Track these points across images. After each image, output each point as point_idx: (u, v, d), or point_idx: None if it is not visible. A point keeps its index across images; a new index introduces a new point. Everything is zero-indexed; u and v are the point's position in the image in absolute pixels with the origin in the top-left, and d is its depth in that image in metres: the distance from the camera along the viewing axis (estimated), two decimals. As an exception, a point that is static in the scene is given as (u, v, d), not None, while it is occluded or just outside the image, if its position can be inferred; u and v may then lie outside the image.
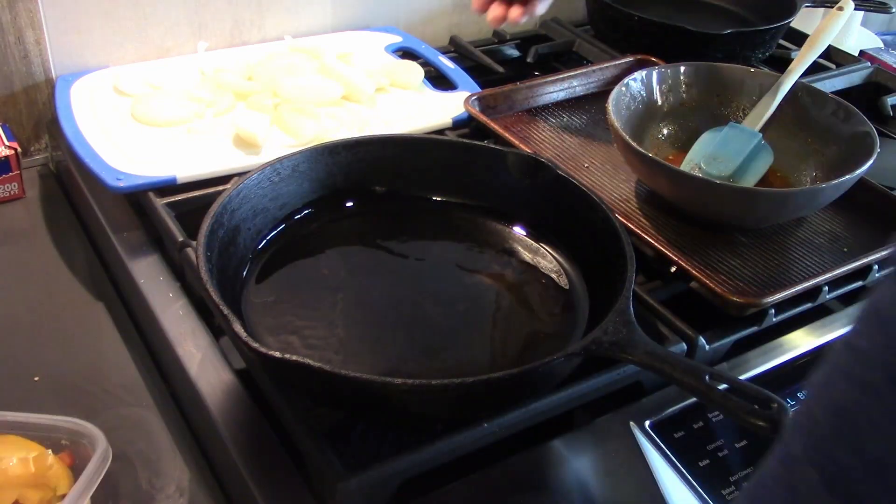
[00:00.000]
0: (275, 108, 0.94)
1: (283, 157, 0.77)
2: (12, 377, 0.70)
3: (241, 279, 0.73)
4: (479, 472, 0.63)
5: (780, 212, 0.83)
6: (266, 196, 0.76)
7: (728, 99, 0.96)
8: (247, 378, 0.66)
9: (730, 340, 0.73)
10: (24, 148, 0.98)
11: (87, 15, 0.96)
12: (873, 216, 0.87)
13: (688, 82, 0.96)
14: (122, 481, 0.62)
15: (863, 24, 1.42)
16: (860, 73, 1.18)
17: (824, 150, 0.90)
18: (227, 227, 0.71)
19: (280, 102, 0.95)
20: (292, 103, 0.94)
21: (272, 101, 0.95)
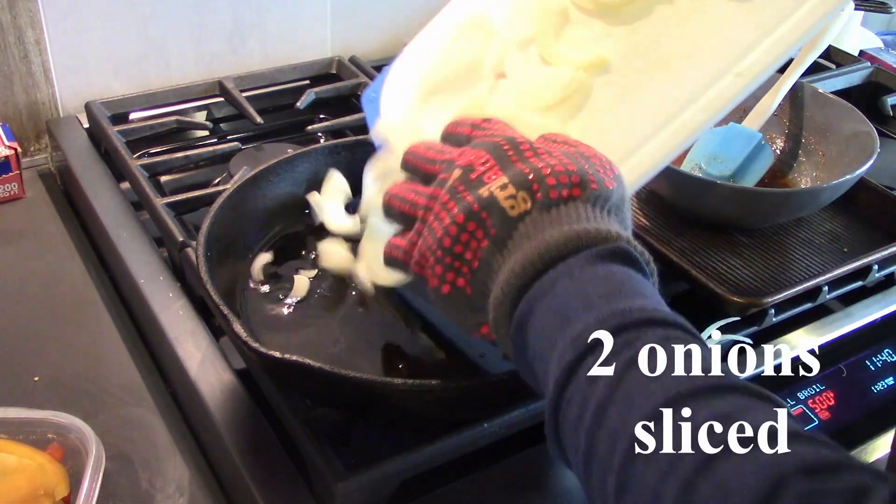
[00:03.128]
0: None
1: (283, 157, 0.77)
2: (12, 377, 0.70)
3: (241, 279, 0.73)
4: (479, 472, 0.63)
5: (780, 212, 0.83)
6: (266, 196, 0.76)
7: (728, 99, 0.96)
8: (247, 378, 0.66)
9: (730, 340, 0.73)
10: (24, 148, 0.98)
11: (87, 15, 0.97)
12: (873, 216, 0.87)
13: (688, 82, 0.96)
14: (122, 481, 0.62)
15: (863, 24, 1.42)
16: (860, 73, 1.18)
17: (824, 150, 0.90)
18: (227, 227, 0.71)
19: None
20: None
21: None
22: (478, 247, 0.48)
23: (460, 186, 0.50)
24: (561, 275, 0.44)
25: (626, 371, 0.39)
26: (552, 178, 0.48)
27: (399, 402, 0.58)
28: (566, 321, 0.42)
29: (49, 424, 0.60)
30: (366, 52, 1.16)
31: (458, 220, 0.49)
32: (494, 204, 0.48)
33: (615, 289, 0.43)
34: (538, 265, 0.45)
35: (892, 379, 0.77)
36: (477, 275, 0.49)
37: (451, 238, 0.49)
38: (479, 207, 0.48)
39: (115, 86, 1.02)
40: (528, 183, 0.48)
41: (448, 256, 0.49)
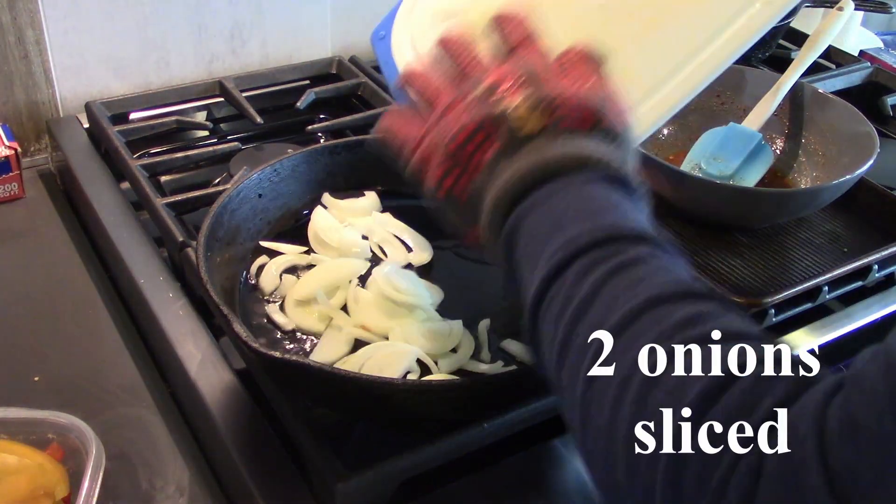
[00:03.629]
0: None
1: (283, 157, 0.77)
2: (12, 377, 0.70)
3: (241, 279, 0.73)
4: (479, 472, 0.63)
5: (780, 212, 0.83)
6: (266, 196, 0.76)
7: (728, 99, 0.96)
8: (247, 378, 0.66)
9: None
10: (24, 148, 0.98)
11: (87, 15, 0.96)
12: (873, 216, 0.87)
13: (688, 82, 0.96)
14: (122, 481, 0.62)
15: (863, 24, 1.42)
16: (860, 73, 1.18)
17: (824, 150, 0.90)
18: (227, 227, 0.71)
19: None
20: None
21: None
22: (482, 158, 0.50)
23: (482, 96, 0.51)
24: (560, 187, 0.47)
25: (614, 274, 0.42)
26: (567, 107, 0.49)
27: (399, 402, 0.58)
28: (559, 227, 0.45)
29: (49, 424, 0.60)
30: (366, 52, 1.15)
31: (469, 126, 0.50)
32: (511, 116, 0.49)
33: (612, 207, 0.46)
34: (538, 176, 0.47)
35: (892, 379, 0.77)
36: (476, 182, 0.50)
37: (459, 145, 0.51)
38: (491, 120, 0.50)
39: (115, 86, 1.02)
40: (543, 106, 0.49)
41: (452, 160, 0.51)
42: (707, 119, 0.95)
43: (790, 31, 1.25)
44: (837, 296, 0.80)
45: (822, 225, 0.87)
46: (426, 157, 0.53)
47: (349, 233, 0.76)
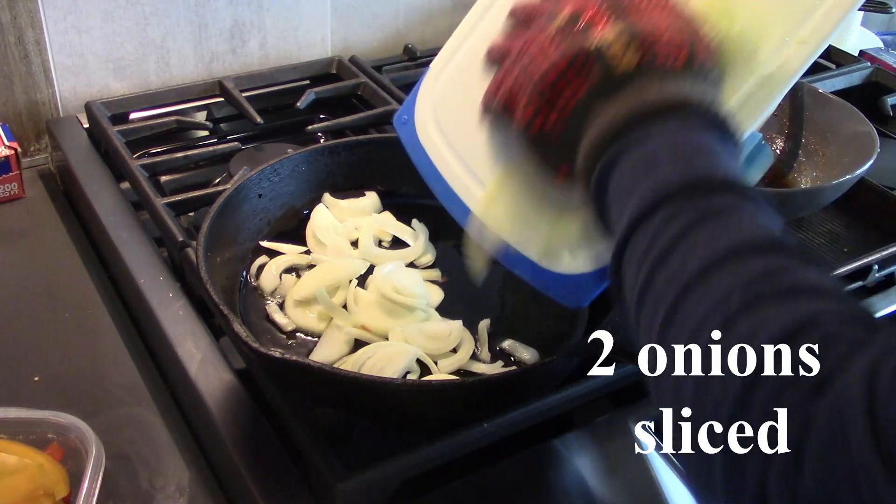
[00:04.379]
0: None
1: (283, 156, 0.77)
2: (12, 377, 0.70)
3: (241, 279, 0.73)
4: (479, 472, 0.63)
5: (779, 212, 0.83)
6: (266, 196, 0.76)
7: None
8: (247, 378, 0.66)
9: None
10: (24, 148, 0.98)
11: (87, 15, 0.97)
12: (873, 216, 0.87)
13: (688, 82, 0.96)
14: (122, 481, 0.62)
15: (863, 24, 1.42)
16: (860, 73, 1.18)
17: (824, 150, 0.90)
18: (227, 226, 0.71)
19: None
20: None
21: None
22: (573, 95, 0.48)
23: (567, 28, 0.50)
24: (657, 131, 0.46)
25: (699, 222, 0.41)
26: (665, 42, 0.48)
27: (399, 402, 0.58)
28: (652, 169, 0.44)
29: (49, 424, 0.60)
30: (366, 52, 1.16)
31: (560, 66, 0.49)
32: (602, 53, 0.48)
33: (705, 153, 0.45)
34: (635, 118, 0.46)
35: (892, 379, 0.77)
36: (568, 121, 0.49)
37: (550, 84, 0.49)
38: (585, 53, 0.48)
39: (115, 86, 1.02)
40: (640, 39, 0.48)
41: (543, 98, 0.49)
42: (707, 119, 0.95)
43: (790, 31, 1.25)
44: (837, 296, 0.80)
45: (822, 225, 0.87)
46: (512, 98, 0.52)
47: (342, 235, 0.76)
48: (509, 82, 0.52)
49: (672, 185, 0.43)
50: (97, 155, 0.94)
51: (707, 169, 0.44)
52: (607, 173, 0.47)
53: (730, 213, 0.42)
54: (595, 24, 0.49)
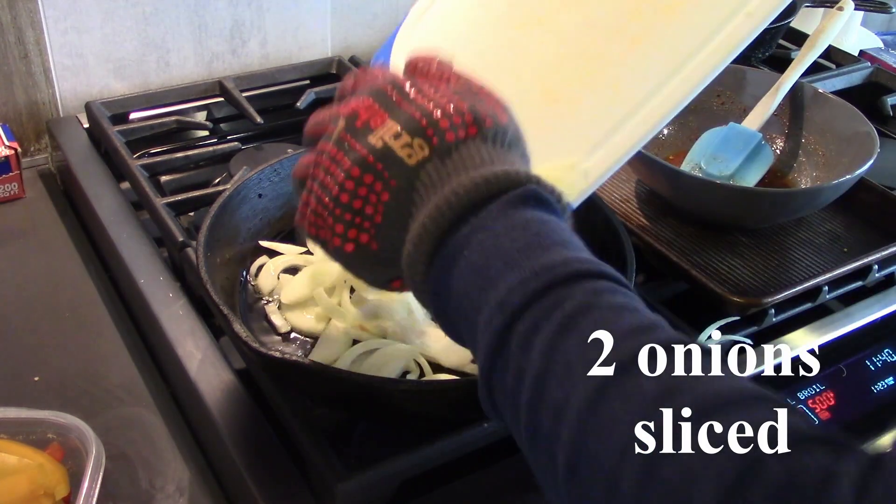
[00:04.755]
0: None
1: (283, 156, 0.77)
2: (12, 377, 0.70)
3: (241, 279, 0.73)
4: (479, 472, 0.63)
5: (780, 212, 0.83)
6: (266, 196, 0.76)
7: (728, 99, 0.96)
8: (247, 378, 0.66)
9: (730, 340, 0.73)
10: (24, 148, 0.98)
11: (87, 15, 0.97)
12: (873, 216, 0.87)
13: (688, 82, 0.96)
14: (122, 481, 0.62)
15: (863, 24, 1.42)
16: (860, 73, 1.18)
17: (824, 150, 0.90)
18: (227, 226, 0.71)
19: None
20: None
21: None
22: (378, 200, 0.46)
23: (347, 136, 0.47)
24: (475, 229, 0.42)
25: (559, 336, 0.37)
26: (445, 119, 0.45)
27: (399, 402, 0.58)
28: (488, 282, 0.41)
29: (49, 424, 0.60)
30: (366, 52, 1.16)
31: (353, 173, 0.46)
32: (390, 154, 0.45)
33: (534, 240, 0.41)
34: (449, 217, 0.43)
35: (892, 379, 0.77)
36: (381, 229, 0.46)
37: (349, 193, 0.46)
38: (374, 158, 0.46)
39: (115, 86, 1.02)
40: (421, 128, 0.45)
41: (348, 213, 0.47)
42: (707, 119, 0.95)
43: (790, 31, 1.25)
44: (837, 296, 0.80)
45: (822, 225, 0.87)
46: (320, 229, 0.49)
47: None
48: (313, 203, 0.49)
49: (515, 300, 0.39)
50: (97, 155, 0.94)
51: (546, 264, 0.40)
52: (441, 292, 0.43)
53: (589, 311, 0.38)
54: (372, 123, 0.47)
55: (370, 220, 0.47)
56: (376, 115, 0.47)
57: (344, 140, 0.47)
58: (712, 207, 0.82)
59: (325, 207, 0.48)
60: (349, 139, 0.47)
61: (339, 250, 0.48)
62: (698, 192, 0.81)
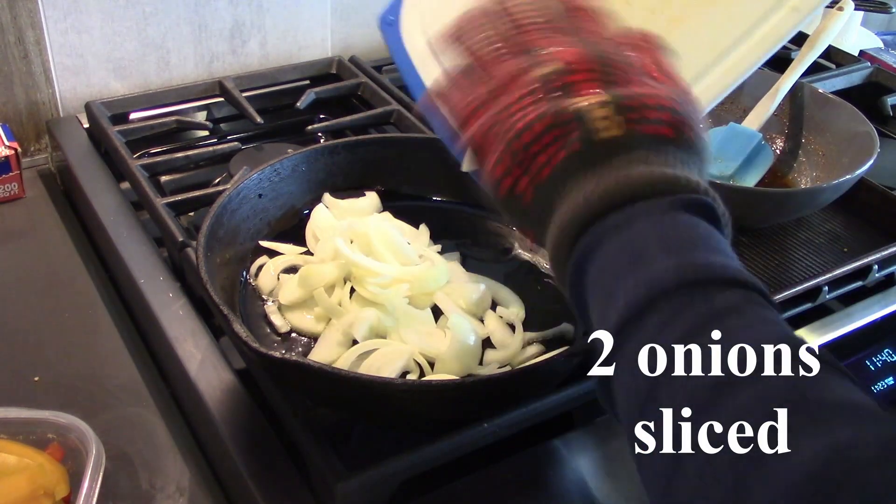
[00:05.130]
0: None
1: (283, 156, 0.77)
2: (12, 377, 0.70)
3: (241, 279, 0.73)
4: (479, 472, 0.63)
5: (780, 212, 0.83)
6: (266, 196, 0.76)
7: (728, 99, 0.96)
8: (247, 378, 0.66)
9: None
10: (24, 148, 0.98)
11: (87, 15, 0.97)
12: (873, 216, 0.87)
13: (688, 82, 0.96)
14: (122, 481, 0.62)
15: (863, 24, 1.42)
16: (860, 73, 1.18)
17: (824, 150, 0.90)
18: (227, 227, 0.71)
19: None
20: None
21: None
22: (553, 155, 0.44)
23: (556, 82, 0.46)
24: (640, 213, 0.41)
25: (702, 327, 0.36)
26: (654, 111, 0.44)
27: (399, 402, 0.58)
28: (641, 259, 0.40)
29: (49, 424, 0.60)
30: (366, 52, 1.16)
31: (544, 120, 0.45)
32: (587, 119, 0.44)
33: (696, 238, 0.41)
34: (616, 198, 0.42)
35: (892, 379, 0.77)
36: (543, 186, 0.45)
37: (532, 135, 0.45)
38: (570, 116, 0.44)
39: (115, 86, 1.02)
40: (628, 108, 0.44)
41: (520, 154, 0.45)
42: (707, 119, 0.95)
43: (790, 31, 1.25)
44: (837, 296, 0.80)
45: (822, 225, 0.87)
46: (482, 142, 0.47)
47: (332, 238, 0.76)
48: (481, 119, 0.47)
49: (666, 282, 0.38)
50: (97, 155, 0.94)
51: (704, 261, 0.39)
52: (586, 259, 0.43)
53: (737, 315, 0.37)
54: (581, 86, 0.45)
55: (537, 172, 0.45)
56: (593, 81, 0.45)
57: (551, 84, 0.46)
58: (712, 207, 0.82)
59: (498, 133, 0.46)
60: (557, 86, 0.45)
61: (495, 184, 0.47)
62: (698, 192, 0.81)
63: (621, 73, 0.46)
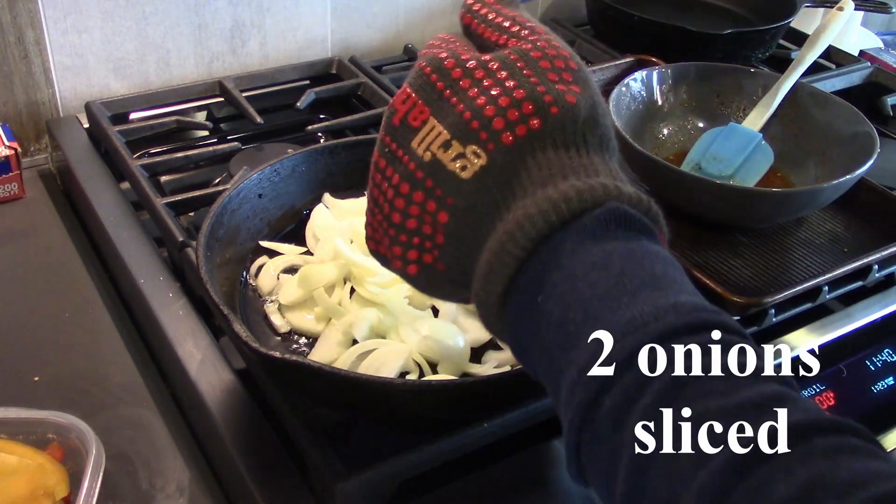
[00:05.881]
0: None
1: (283, 156, 0.77)
2: (12, 377, 0.70)
3: (241, 279, 0.73)
4: (479, 472, 0.63)
5: (780, 212, 0.83)
6: (266, 196, 0.76)
7: (728, 99, 0.96)
8: (247, 378, 0.66)
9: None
10: (24, 148, 0.98)
11: (87, 15, 0.97)
12: (873, 216, 0.87)
13: (688, 82, 0.96)
14: (122, 481, 0.62)
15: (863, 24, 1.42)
16: (860, 73, 1.18)
17: (824, 150, 0.90)
18: (227, 227, 0.71)
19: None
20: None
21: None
22: (434, 220, 0.39)
23: (387, 139, 0.41)
24: (548, 267, 0.36)
25: (656, 415, 0.31)
26: (499, 118, 0.38)
27: (399, 402, 0.58)
28: (568, 339, 0.35)
29: (49, 424, 0.60)
30: (366, 52, 1.16)
31: (401, 190, 0.40)
32: (440, 168, 0.38)
33: (616, 283, 0.34)
34: (517, 255, 0.36)
35: (892, 379, 0.77)
36: (446, 249, 0.40)
37: (400, 213, 0.40)
38: (423, 174, 0.39)
39: (115, 86, 1.02)
40: (472, 132, 0.38)
41: (403, 234, 0.41)
42: (707, 119, 0.95)
43: (790, 31, 1.25)
44: (837, 296, 0.80)
45: (822, 225, 0.87)
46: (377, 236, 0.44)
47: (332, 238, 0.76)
48: (368, 217, 0.44)
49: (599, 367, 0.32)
50: (97, 155, 0.94)
51: (629, 318, 0.33)
52: (518, 336, 0.37)
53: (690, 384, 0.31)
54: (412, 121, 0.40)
55: (431, 239, 0.40)
56: (415, 108, 0.40)
57: (386, 144, 0.41)
58: (712, 207, 0.82)
59: (380, 225, 0.42)
60: (391, 144, 0.41)
61: (403, 272, 0.42)
62: (698, 192, 0.81)
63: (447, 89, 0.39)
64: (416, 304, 0.70)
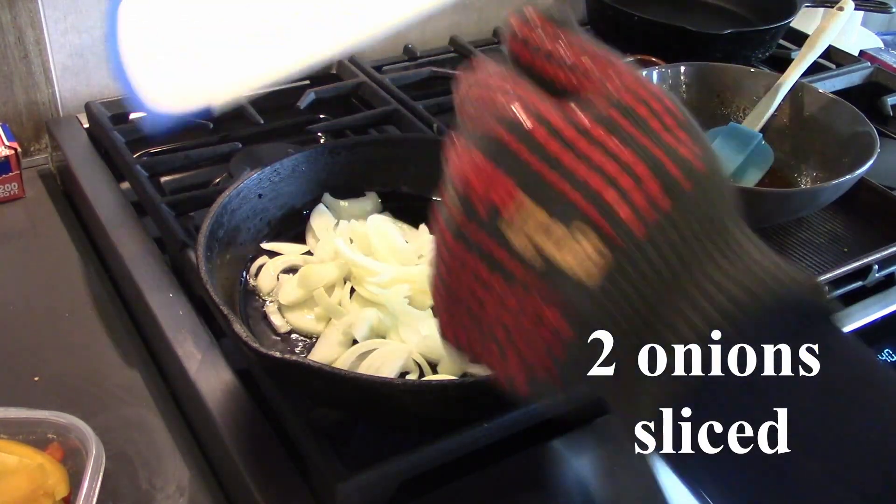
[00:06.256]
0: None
1: (283, 156, 0.77)
2: (12, 377, 0.70)
3: (241, 279, 0.73)
4: (479, 472, 0.63)
5: (780, 212, 0.83)
6: (266, 196, 0.76)
7: (728, 99, 0.96)
8: (247, 378, 0.66)
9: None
10: (24, 148, 0.98)
11: (87, 15, 0.96)
12: (873, 216, 0.87)
13: (688, 82, 0.96)
14: (122, 481, 0.62)
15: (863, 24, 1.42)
16: (860, 73, 1.18)
17: (824, 150, 0.90)
18: (227, 227, 0.71)
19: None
20: None
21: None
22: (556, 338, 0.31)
23: (473, 229, 0.31)
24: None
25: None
26: (625, 205, 0.29)
27: (399, 402, 0.58)
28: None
29: (49, 424, 0.60)
30: (366, 52, 1.15)
31: (507, 303, 0.31)
32: (557, 272, 0.30)
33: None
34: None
35: (892, 379, 0.77)
36: (567, 367, 0.33)
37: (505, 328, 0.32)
38: (533, 282, 0.30)
39: (115, 86, 1.02)
40: (595, 226, 0.29)
41: (510, 349, 0.33)
42: (707, 119, 0.95)
43: (790, 31, 1.25)
44: (837, 296, 0.80)
45: (822, 225, 0.87)
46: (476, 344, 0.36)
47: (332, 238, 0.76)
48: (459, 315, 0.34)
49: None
50: (97, 155, 0.94)
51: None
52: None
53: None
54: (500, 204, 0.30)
55: (551, 357, 0.33)
56: (500, 188, 0.30)
57: (471, 239, 0.31)
58: (712, 207, 0.82)
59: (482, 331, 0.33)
60: (479, 237, 0.31)
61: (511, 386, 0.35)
62: (698, 192, 0.81)
63: (551, 172, 0.30)
64: (416, 304, 0.70)
